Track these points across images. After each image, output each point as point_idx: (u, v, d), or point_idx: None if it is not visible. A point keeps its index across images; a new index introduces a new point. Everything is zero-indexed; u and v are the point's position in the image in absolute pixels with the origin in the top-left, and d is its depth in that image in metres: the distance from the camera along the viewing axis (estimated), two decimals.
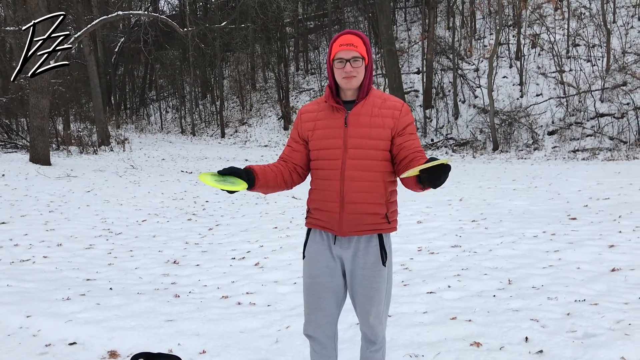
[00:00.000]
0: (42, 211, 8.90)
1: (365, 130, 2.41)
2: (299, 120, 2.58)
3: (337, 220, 2.44)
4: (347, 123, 2.43)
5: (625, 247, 5.54)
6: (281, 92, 26.99)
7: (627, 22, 20.23)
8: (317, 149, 2.49)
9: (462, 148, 19.21)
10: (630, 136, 16.42)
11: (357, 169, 2.41)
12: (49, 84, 14.87)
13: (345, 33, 2.43)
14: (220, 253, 6.52)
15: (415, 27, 27.13)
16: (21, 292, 4.79)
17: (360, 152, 2.41)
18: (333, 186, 2.44)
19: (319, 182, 2.50)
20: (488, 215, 7.82)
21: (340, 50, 2.38)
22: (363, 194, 2.42)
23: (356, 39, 2.41)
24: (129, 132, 27.50)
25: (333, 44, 2.43)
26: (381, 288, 2.50)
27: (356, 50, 2.38)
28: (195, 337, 3.79)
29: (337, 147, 2.43)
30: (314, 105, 2.58)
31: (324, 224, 2.50)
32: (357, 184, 2.41)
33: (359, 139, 2.41)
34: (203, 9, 33.40)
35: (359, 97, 2.46)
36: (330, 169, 2.44)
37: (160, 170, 15.52)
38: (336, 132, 2.44)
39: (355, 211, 2.42)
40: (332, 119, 2.46)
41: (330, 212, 2.45)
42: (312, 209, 2.56)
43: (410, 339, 3.60)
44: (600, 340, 3.33)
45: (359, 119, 2.43)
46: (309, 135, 2.52)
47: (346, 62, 2.38)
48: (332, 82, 2.48)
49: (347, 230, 2.44)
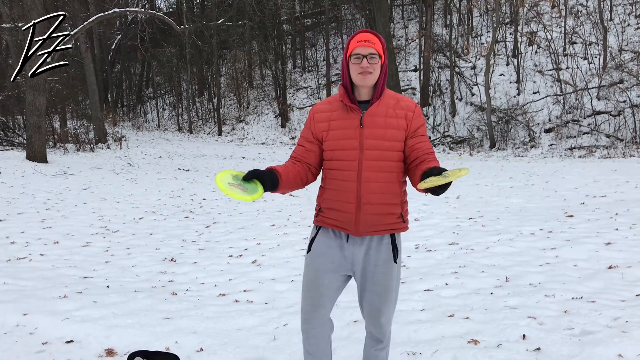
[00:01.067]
0: (38, 209, 8.88)
1: (381, 132, 2.41)
2: (311, 120, 2.55)
3: (353, 220, 2.43)
4: (362, 124, 2.42)
5: (622, 245, 5.55)
6: (278, 90, 26.96)
7: (623, 20, 20.26)
8: (332, 150, 2.47)
9: (459, 146, 19.23)
10: (627, 134, 16.45)
11: (373, 170, 2.40)
12: (45, 81, 14.83)
13: (363, 31, 2.45)
14: (218, 251, 6.51)
15: (412, 25, 27.12)
16: (18, 290, 4.78)
17: (376, 154, 2.40)
18: (350, 187, 2.42)
19: (334, 182, 2.48)
20: (485, 213, 7.83)
21: (357, 46, 2.39)
22: (380, 195, 2.42)
23: (373, 37, 2.42)
24: (126, 129, 27.46)
25: (350, 40, 2.44)
26: (392, 286, 2.51)
27: (373, 47, 2.39)
28: (192, 335, 3.78)
29: (353, 148, 2.41)
30: (326, 104, 2.55)
31: (339, 223, 2.48)
32: (374, 185, 2.41)
33: (375, 140, 2.40)
34: (200, 6, 33.34)
35: (373, 97, 2.44)
36: (346, 169, 2.43)
37: (157, 167, 15.49)
38: (352, 132, 2.42)
39: (371, 212, 2.42)
40: (347, 119, 2.44)
41: (347, 213, 2.44)
42: (325, 209, 2.53)
43: (408, 337, 3.60)
44: (597, 338, 3.33)
45: (374, 120, 2.42)
46: (323, 136, 2.50)
47: (363, 57, 2.37)
48: (347, 80, 2.46)
49: (363, 230, 2.44)
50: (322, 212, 2.55)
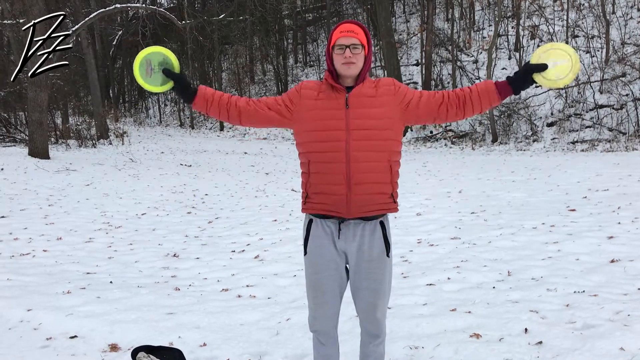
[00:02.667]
0: (41, 205, 8.90)
1: (367, 111, 2.41)
2: (297, 93, 2.53)
3: (345, 202, 2.41)
4: (348, 104, 2.42)
5: (624, 238, 5.55)
6: (280, 85, 26.95)
7: (626, 13, 20.16)
8: (315, 130, 2.43)
9: (461, 140, 19.19)
10: (630, 127, 16.40)
11: (362, 150, 2.39)
12: (47, 77, 14.84)
13: (346, 22, 2.46)
14: (220, 246, 6.53)
15: (414, 19, 27.05)
16: (21, 286, 4.80)
17: (364, 133, 2.39)
18: (338, 169, 2.40)
19: (320, 165, 2.44)
20: (487, 207, 7.83)
21: (340, 36, 2.40)
22: (370, 174, 2.41)
23: (357, 28, 2.43)
24: (128, 125, 27.46)
25: (334, 31, 2.45)
26: (385, 279, 2.52)
27: (356, 37, 2.40)
28: (195, 330, 3.80)
29: (339, 129, 2.40)
30: (315, 84, 2.55)
31: (330, 207, 2.44)
32: (364, 165, 2.39)
33: (362, 119, 2.40)
34: (201, 1, 33.27)
35: (356, 83, 2.47)
36: (333, 151, 2.40)
37: (160, 163, 15.51)
38: (337, 113, 2.42)
39: (363, 192, 2.40)
40: (332, 100, 2.44)
41: (337, 195, 2.41)
42: (312, 194, 2.49)
43: (410, 331, 3.61)
44: (599, 331, 3.34)
45: (360, 100, 2.42)
46: (301, 114, 2.49)
47: (346, 48, 2.38)
48: (331, 69, 2.48)
49: (355, 211, 2.42)
50: (310, 197, 2.50)
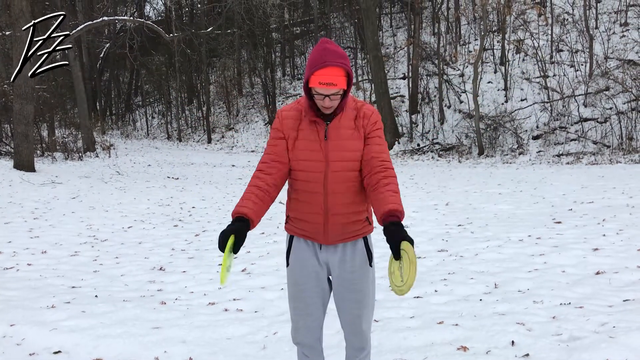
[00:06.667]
0: (26, 218, 8.81)
1: (344, 143, 2.41)
2: (280, 124, 2.46)
3: (322, 231, 2.46)
4: (327, 136, 2.41)
5: (609, 251, 5.60)
6: (268, 98, 27.00)
7: (609, 28, 20.50)
8: (299, 160, 2.43)
9: (448, 153, 19.32)
10: (614, 140, 16.62)
11: (339, 182, 2.41)
12: (33, 89, 14.74)
13: (326, 65, 2.25)
14: (207, 259, 6.49)
15: (401, 33, 27.28)
16: (5, 300, 4.73)
17: (341, 165, 2.40)
18: (316, 199, 2.43)
19: (301, 193, 2.47)
20: (474, 220, 7.87)
21: (319, 87, 2.27)
22: (346, 205, 2.44)
23: (337, 76, 2.27)
24: (115, 138, 27.32)
25: (311, 76, 2.28)
26: (369, 290, 2.53)
27: (336, 88, 2.28)
28: (181, 344, 3.76)
29: (318, 160, 2.40)
30: (295, 113, 2.47)
31: (309, 234, 2.50)
32: (341, 196, 2.42)
33: (339, 151, 2.40)
34: (189, 14, 33.35)
35: (336, 111, 2.41)
36: (312, 181, 2.42)
37: (146, 176, 15.43)
38: (317, 145, 2.41)
39: (339, 222, 2.44)
40: (313, 132, 2.42)
41: (315, 224, 2.46)
42: (293, 218, 2.54)
43: (398, 344, 3.60)
44: (585, 343, 3.36)
45: (339, 132, 2.41)
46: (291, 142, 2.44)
47: (325, 97, 2.31)
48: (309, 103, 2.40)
49: (332, 239, 2.47)
50: (292, 220, 2.56)
